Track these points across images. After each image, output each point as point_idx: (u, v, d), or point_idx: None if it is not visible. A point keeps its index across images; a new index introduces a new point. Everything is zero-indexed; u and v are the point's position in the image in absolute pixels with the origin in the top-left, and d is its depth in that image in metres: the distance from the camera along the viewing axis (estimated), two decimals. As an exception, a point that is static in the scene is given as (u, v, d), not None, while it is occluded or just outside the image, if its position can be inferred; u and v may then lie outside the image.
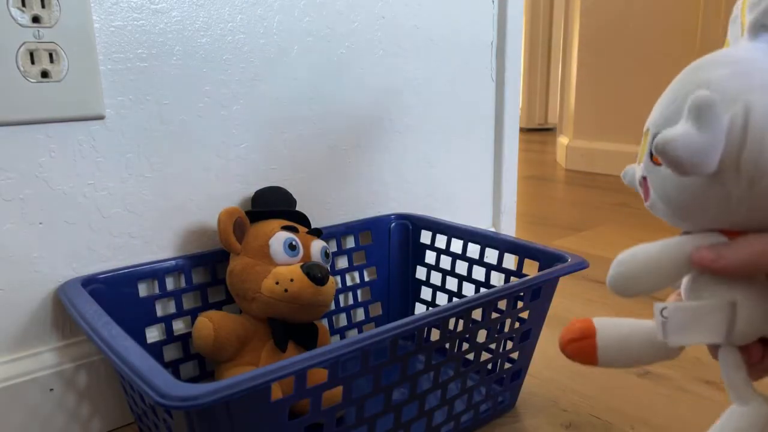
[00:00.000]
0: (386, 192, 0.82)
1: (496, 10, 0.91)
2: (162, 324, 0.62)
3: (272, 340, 0.59)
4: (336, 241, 0.75)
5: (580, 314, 0.86)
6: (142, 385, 0.36)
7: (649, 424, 0.60)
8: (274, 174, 0.70)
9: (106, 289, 0.57)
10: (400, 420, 0.51)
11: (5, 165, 0.53)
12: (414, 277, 0.80)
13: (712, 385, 0.67)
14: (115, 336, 0.43)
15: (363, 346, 0.43)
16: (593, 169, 2.01)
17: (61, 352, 0.58)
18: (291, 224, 0.63)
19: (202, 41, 0.62)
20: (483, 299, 0.51)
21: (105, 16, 0.56)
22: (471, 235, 0.73)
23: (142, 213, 0.61)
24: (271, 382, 0.38)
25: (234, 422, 0.40)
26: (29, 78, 0.52)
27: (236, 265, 0.60)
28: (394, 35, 0.78)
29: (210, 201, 0.65)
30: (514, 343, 0.59)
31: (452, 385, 0.54)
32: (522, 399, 0.65)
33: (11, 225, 0.54)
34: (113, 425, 0.61)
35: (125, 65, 0.58)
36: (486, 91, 0.92)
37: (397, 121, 0.81)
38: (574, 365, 0.40)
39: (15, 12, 0.51)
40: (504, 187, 0.97)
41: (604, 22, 1.95)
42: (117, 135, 0.58)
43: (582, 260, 0.58)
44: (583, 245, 1.22)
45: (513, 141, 0.97)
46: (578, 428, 0.60)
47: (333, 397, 0.46)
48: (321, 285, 0.58)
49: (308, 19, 0.70)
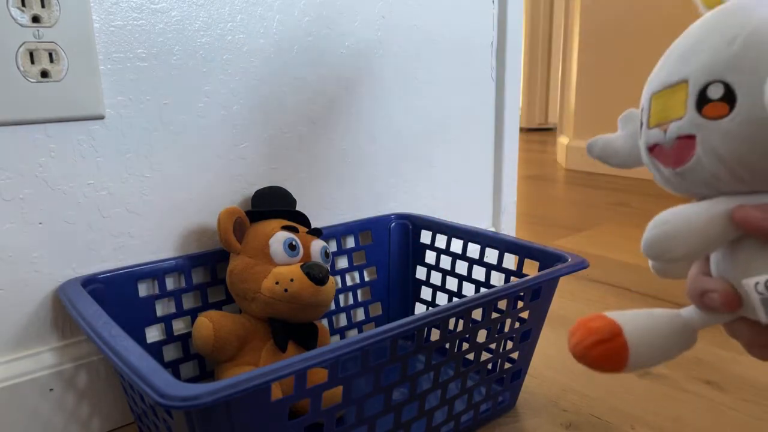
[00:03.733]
0: (386, 192, 0.82)
1: (496, 10, 0.91)
2: (162, 324, 0.62)
3: (272, 340, 0.59)
4: (336, 241, 0.75)
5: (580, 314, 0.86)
6: (142, 385, 0.36)
7: (649, 424, 0.60)
8: (274, 174, 0.70)
9: (106, 289, 0.57)
10: (400, 420, 0.51)
11: (5, 165, 0.53)
12: (414, 277, 0.80)
13: (712, 385, 0.67)
14: (114, 336, 0.43)
15: (363, 346, 0.43)
16: (593, 169, 2.01)
17: (60, 352, 0.58)
18: (291, 224, 0.63)
19: (202, 41, 0.62)
20: (483, 299, 0.51)
21: (105, 16, 0.56)
22: (471, 235, 0.73)
23: (142, 213, 0.61)
24: (271, 382, 0.38)
25: (234, 422, 0.40)
26: (29, 78, 0.52)
27: (236, 265, 0.60)
28: (394, 35, 0.78)
29: (210, 201, 0.65)
30: (514, 343, 0.59)
31: (452, 385, 0.54)
32: (522, 399, 0.65)
33: (11, 225, 0.54)
34: (113, 425, 0.61)
35: (125, 65, 0.58)
36: (486, 91, 0.92)
37: (397, 121, 0.81)
38: (575, 365, 0.38)
39: (15, 12, 0.51)
40: (504, 187, 0.97)
41: (604, 22, 1.95)
42: (117, 135, 0.58)
43: (582, 260, 0.58)
44: (583, 245, 1.22)
45: (513, 141, 0.97)
46: (578, 428, 0.60)
47: (333, 397, 0.46)
48: (321, 285, 0.58)
49: (308, 19, 0.70)
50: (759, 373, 0.68)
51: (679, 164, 0.30)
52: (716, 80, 0.28)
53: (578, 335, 0.33)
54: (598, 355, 0.32)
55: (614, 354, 0.32)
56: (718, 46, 0.28)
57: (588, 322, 0.33)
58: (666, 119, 0.30)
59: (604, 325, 0.32)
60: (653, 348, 0.32)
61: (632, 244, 1.22)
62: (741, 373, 0.69)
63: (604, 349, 0.32)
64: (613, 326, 0.32)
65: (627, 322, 0.32)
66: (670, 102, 0.30)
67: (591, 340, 0.32)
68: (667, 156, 0.31)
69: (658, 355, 0.33)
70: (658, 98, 0.31)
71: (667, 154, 0.31)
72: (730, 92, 0.27)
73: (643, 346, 0.32)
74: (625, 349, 0.31)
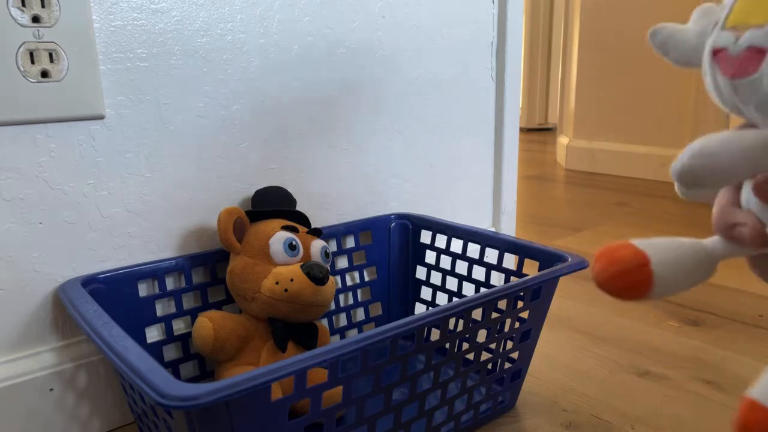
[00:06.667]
0: (386, 192, 0.82)
1: (496, 10, 0.91)
2: (162, 324, 0.62)
3: (272, 340, 0.59)
4: (336, 241, 0.75)
5: (580, 314, 0.86)
6: (142, 385, 0.36)
7: (649, 424, 0.60)
8: (274, 174, 0.70)
9: (106, 289, 0.57)
10: (400, 420, 0.51)
11: (5, 165, 0.53)
12: (414, 277, 0.80)
13: (712, 385, 0.67)
14: (114, 336, 0.43)
15: (363, 346, 0.43)
16: (593, 168, 2.01)
17: (60, 352, 0.58)
18: (291, 224, 0.63)
19: (202, 41, 0.62)
20: (483, 299, 0.51)
21: (105, 16, 0.56)
22: (471, 235, 0.73)
23: (142, 213, 0.61)
24: (271, 382, 0.38)
25: (234, 422, 0.40)
26: (29, 78, 0.52)
27: (236, 264, 0.60)
28: (394, 35, 0.78)
29: (210, 201, 0.65)
30: (514, 343, 0.59)
31: (452, 384, 0.54)
32: (522, 399, 0.65)
33: (11, 225, 0.54)
34: (113, 425, 0.61)
35: (125, 65, 0.58)
36: (486, 91, 0.92)
37: (397, 121, 0.81)
38: (575, 365, 0.39)
39: (15, 12, 0.51)
40: (504, 187, 0.97)
41: (604, 22, 1.95)
42: (117, 135, 0.58)
43: (582, 260, 0.58)
44: (583, 245, 1.22)
45: (513, 141, 0.97)
46: (578, 428, 0.60)
47: (333, 397, 0.46)
48: (321, 285, 0.58)
49: (308, 19, 0.70)
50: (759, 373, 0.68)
51: (740, 76, 0.28)
52: None
53: (602, 263, 0.32)
54: (620, 284, 0.31)
55: (639, 284, 0.31)
56: None
57: (614, 251, 0.32)
58: (744, 23, 0.28)
59: (631, 255, 0.31)
60: (677, 279, 0.32)
61: (632, 244, 1.22)
62: (741, 373, 0.69)
63: (628, 279, 0.31)
64: (639, 256, 0.31)
65: (654, 254, 0.31)
66: (756, 7, 0.28)
67: (615, 268, 0.31)
68: (731, 64, 0.29)
69: (680, 284, 0.32)
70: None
71: (731, 61, 0.29)
72: None
73: (667, 277, 0.31)
74: (650, 279, 0.31)
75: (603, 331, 0.81)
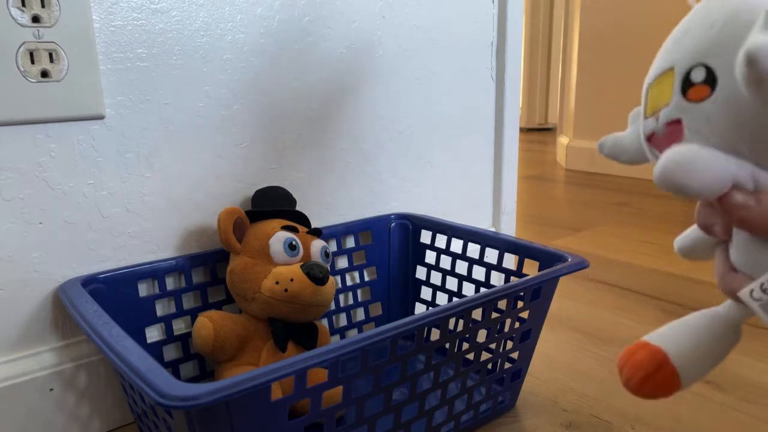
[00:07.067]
0: (386, 192, 0.82)
1: (496, 10, 0.91)
2: (162, 324, 0.62)
3: (272, 340, 0.59)
4: (336, 241, 0.75)
5: (580, 314, 0.86)
6: (142, 385, 0.36)
7: (649, 424, 0.60)
8: (274, 174, 0.70)
9: (106, 289, 0.57)
10: (400, 420, 0.51)
11: (5, 165, 0.53)
12: (414, 277, 0.80)
13: (712, 385, 0.67)
14: (114, 336, 0.43)
15: (363, 346, 0.43)
16: (593, 169, 2.01)
17: (60, 352, 0.58)
18: (291, 224, 0.63)
19: (202, 41, 0.62)
20: (483, 299, 0.51)
21: (105, 16, 0.56)
22: (471, 235, 0.73)
23: (142, 213, 0.61)
24: (271, 382, 0.38)
25: (234, 422, 0.40)
26: (29, 78, 0.52)
27: (236, 264, 0.60)
28: (394, 35, 0.78)
29: (210, 201, 0.65)
30: (514, 343, 0.59)
31: (452, 384, 0.54)
32: (522, 399, 0.65)
33: (11, 225, 0.54)
34: (113, 425, 0.61)
35: (125, 65, 0.58)
36: (486, 91, 0.92)
37: (397, 121, 0.81)
38: (575, 365, 0.39)
39: (15, 12, 0.51)
40: (504, 187, 0.97)
41: (604, 22, 1.95)
42: (117, 135, 0.58)
43: (582, 260, 0.58)
44: (583, 245, 1.22)
45: (513, 141, 0.97)
46: (578, 428, 0.60)
47: (333, 397, 0.46)
48: (321, 285, 0.58)
49: (308, 19, 0.70)
50: (759, 373, 0.68)
51: (672, 146, 0.30)
52: (698, 64, 0.28)
53: (626, 372, 0.33)
54: (650, 388, 0.32)
55: (666, 382, 0.32)
56: (700, 32, 0.29)
57: (632, 356, 0.33)
58: (657, 107, 0.31)
59: (648, 357, 0.32)
60: (703, 361, 0.32)
61: (632, 244, 1.22)
62: (741, 373, 0.69)
63: (654, 382, 0.32)
64: (657, 355, 0.32)
65: (670, 345, 0.32)
66: (660, 90, 0.31)
67: (640, 375, 0.32)
68: (661, 143, 0.31)
69: (709, 364, 0.33)
70: (652, 88, 0.32)
71: (661, 140, 0.31)
72: (711, 75, 0.28)
73: (691, 365, 0.32)
74: (675, 374, 0.31)
75: (603, 331, 0.81)
